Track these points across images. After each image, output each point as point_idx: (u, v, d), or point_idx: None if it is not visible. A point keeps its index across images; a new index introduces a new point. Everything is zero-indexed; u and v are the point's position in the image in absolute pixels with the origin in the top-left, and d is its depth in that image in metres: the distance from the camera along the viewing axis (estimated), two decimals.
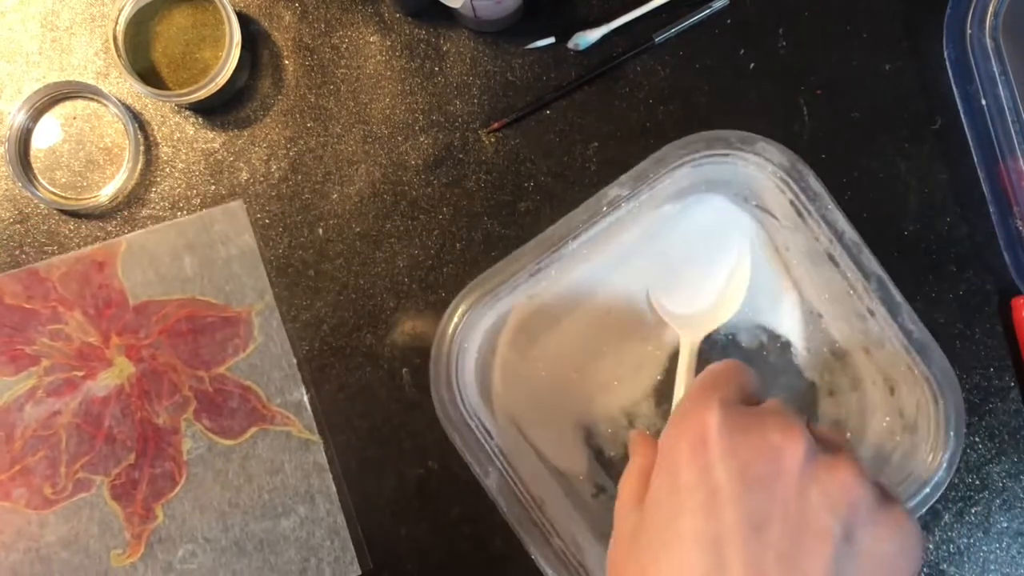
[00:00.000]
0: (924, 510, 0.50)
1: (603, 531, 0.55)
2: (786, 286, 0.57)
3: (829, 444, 0.39)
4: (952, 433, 0.50)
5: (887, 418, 0.54)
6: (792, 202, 0.52)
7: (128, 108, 0.59)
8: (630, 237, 0.56)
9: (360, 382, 0.58)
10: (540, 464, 0.56)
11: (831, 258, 0.52)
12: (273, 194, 0.59)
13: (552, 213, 0.58)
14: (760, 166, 0.51)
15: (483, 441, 0.51)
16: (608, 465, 0.57)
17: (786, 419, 0.38)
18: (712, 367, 0.44)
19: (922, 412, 0.51)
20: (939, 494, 0.50)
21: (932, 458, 0.50)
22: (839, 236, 0.51)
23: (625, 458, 0.57)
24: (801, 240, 0.53)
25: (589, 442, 0.57)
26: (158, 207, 0.59)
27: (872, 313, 0.51)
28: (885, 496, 0.38)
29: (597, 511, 0.56)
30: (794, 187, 0.51)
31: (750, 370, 0.44)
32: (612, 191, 0.52)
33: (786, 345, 0.57)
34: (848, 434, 0.56)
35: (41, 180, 0.59)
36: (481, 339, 0.54)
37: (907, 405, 0.53)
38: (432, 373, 0.52)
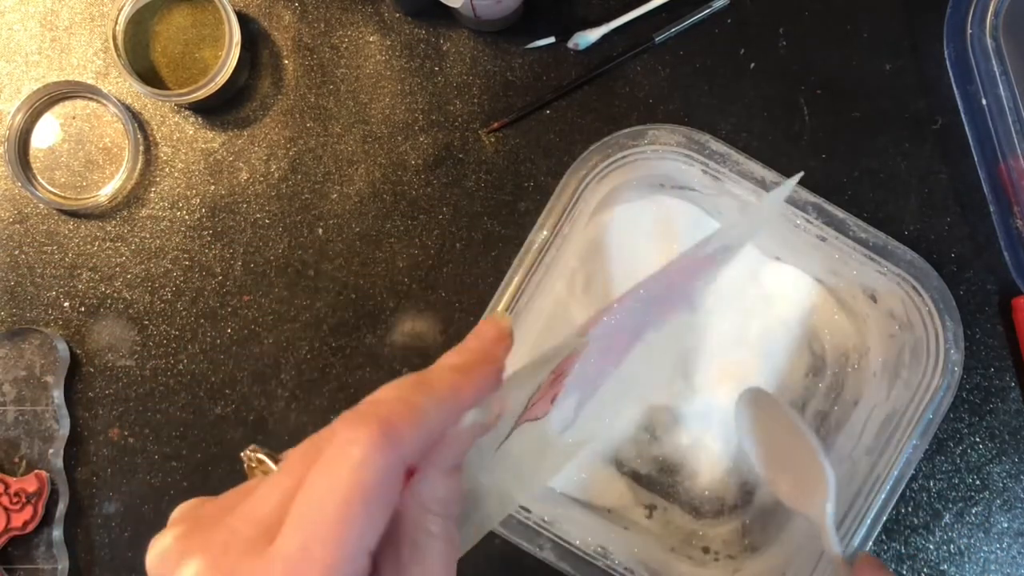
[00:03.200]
0: (952, 398, 0.50)
1: (670, 545, 0.55)
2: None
3: None
4: (946, 315, 0.50)
5: (880, 323, 0.55)
6: (704, 171, 0.52)
7: (128, 108, 0.59)
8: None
9: (360, 382, 0.58)
10: (586, 513, 0.55)
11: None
12: (273, 194, 0.59)
13: None
14: (660, 152, 0.52)
15: (525, 521, 0.50)
16: (649, 483, 0.57)
17: None
18: None
19: (909, 307, 0.52)
20: (959, 375, 0.50)
21: (938, 344, 0.50)
22: (761, 183, 0.51)
23: (661, 470, 0.57)
24: (729, 200, 0.54)
25: (622, 470, 0.57)
26: (158, 207, 0.59)
27: (823, 238, 0.52)
28: None
29: (657, 529, 0.56)
30: (699, 157, 0.51)
31: None
32: (537, 236, 0.51)
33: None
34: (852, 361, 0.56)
35: (40, 180, 0.59)
36: None
37: (893, 306, 0.53)
38: None
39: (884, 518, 0.49)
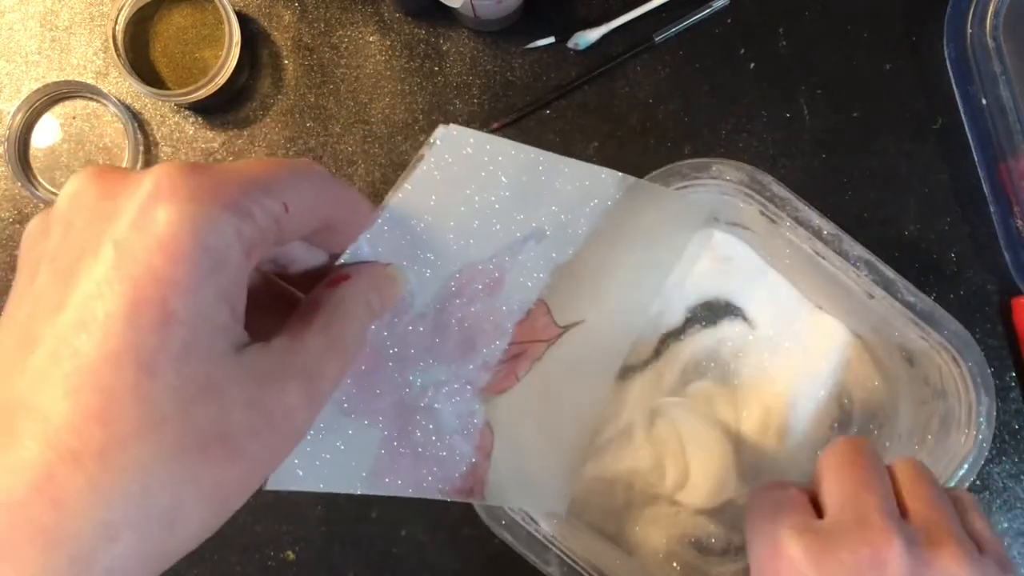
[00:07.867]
0: (976, 474, 0.49)
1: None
2: (781, 288, 0.57)
3: (928, 526, 0.37)
4: (982, 389, 0.50)
5: (913, 388, 0.54)
6: (761, 212, 0.51)
7: (128, 108, 0.59)
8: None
9: None
10: (591, 535, 0.55)
11: (816, 254, 0.51)
12: None
13: None
14: (721, 187, 0.51)
15: (535, 534, 0.50)
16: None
17: (868, 526, 0.36)
18: (765, 495, 0.40)
19: (946, 376, 0.51)
20: (987, 450, 0.49)
21: (968, 417, 0.50)
22: (817, 233, 0.51)
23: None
24: (782, 244, 0.53)
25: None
26: None
27: (871, 295, 0.51)
28: (1002, 568, 0.36)
29: (662, 558, 0.56)
30: (759, 198, 0.51)
31: (798, 485, 0.41)
32: None
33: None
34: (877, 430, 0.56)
35: (40, 180, 0.59)
36: None
37: (929, 372, 0.52)
38: None
39: None
